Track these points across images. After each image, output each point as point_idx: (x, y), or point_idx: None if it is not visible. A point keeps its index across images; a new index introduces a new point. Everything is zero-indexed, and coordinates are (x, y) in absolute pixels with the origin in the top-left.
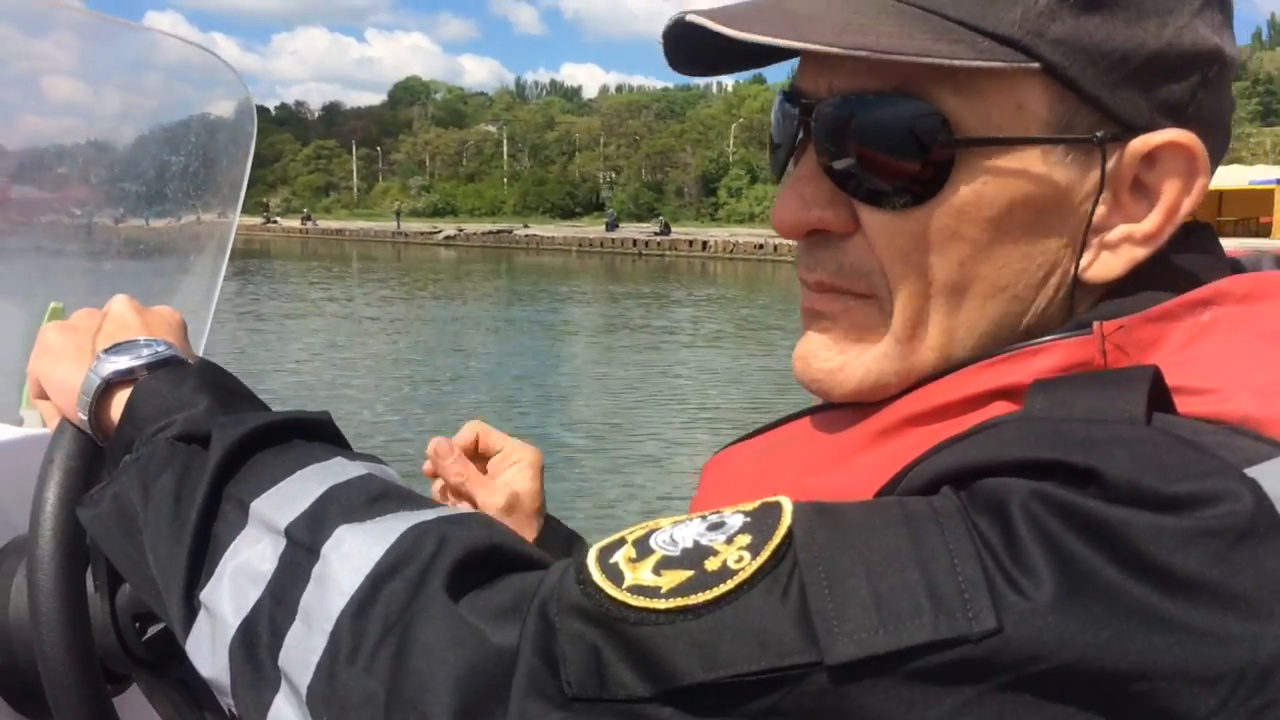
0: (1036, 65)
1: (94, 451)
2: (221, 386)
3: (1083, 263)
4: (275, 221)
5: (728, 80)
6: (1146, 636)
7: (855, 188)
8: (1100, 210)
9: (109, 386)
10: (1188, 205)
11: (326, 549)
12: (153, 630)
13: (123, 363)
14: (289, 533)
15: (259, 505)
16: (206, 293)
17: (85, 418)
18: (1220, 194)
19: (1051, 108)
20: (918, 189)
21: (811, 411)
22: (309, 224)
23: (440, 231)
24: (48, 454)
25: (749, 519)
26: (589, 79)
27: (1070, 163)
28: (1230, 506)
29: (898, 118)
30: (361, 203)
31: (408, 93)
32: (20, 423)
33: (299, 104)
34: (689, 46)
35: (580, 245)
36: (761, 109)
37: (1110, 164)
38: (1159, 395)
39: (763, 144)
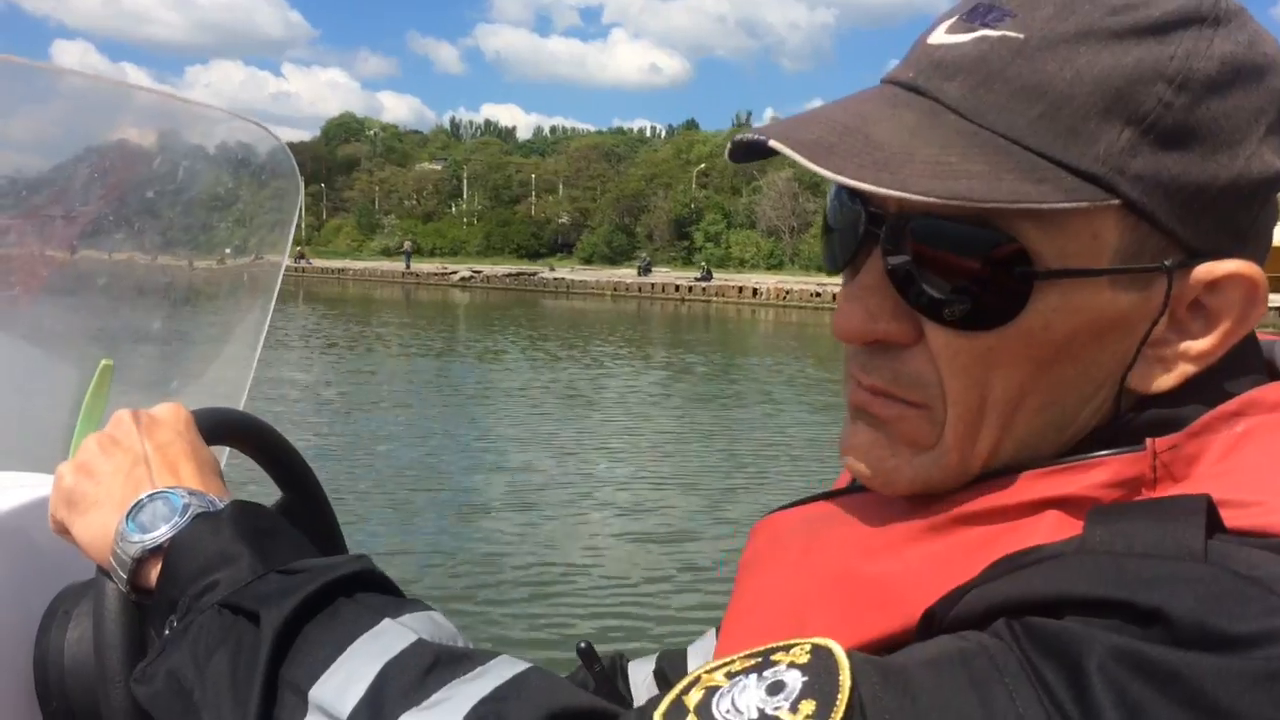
0: (1117, 201)
1: None
2: (257, 530)
3: (1134, 373)
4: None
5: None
6: None
7: (926, 306)
8: (1159, 327)
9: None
10: (1244, 331)
11: None
12: None
13: (149, 539)
14: None
15: (317, 693)
16: (248, 354)
17: (124, 589)
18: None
19: (1123, 236)
20: (991, 314)
21: (862, 488)
22: (304, 263)
23: (455, 273)
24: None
25: (807, 678)
26: (509, 118)
27: (1136, 286)
28: None
29: (977, 247)
30: (312, 240)
31: (342, 129)
32: None
33: None
34: (753, 149)
35: (616, 290)
36: (711, 153)
37: (1175, 289)
38: (1210, 520)
39: (734, 189)
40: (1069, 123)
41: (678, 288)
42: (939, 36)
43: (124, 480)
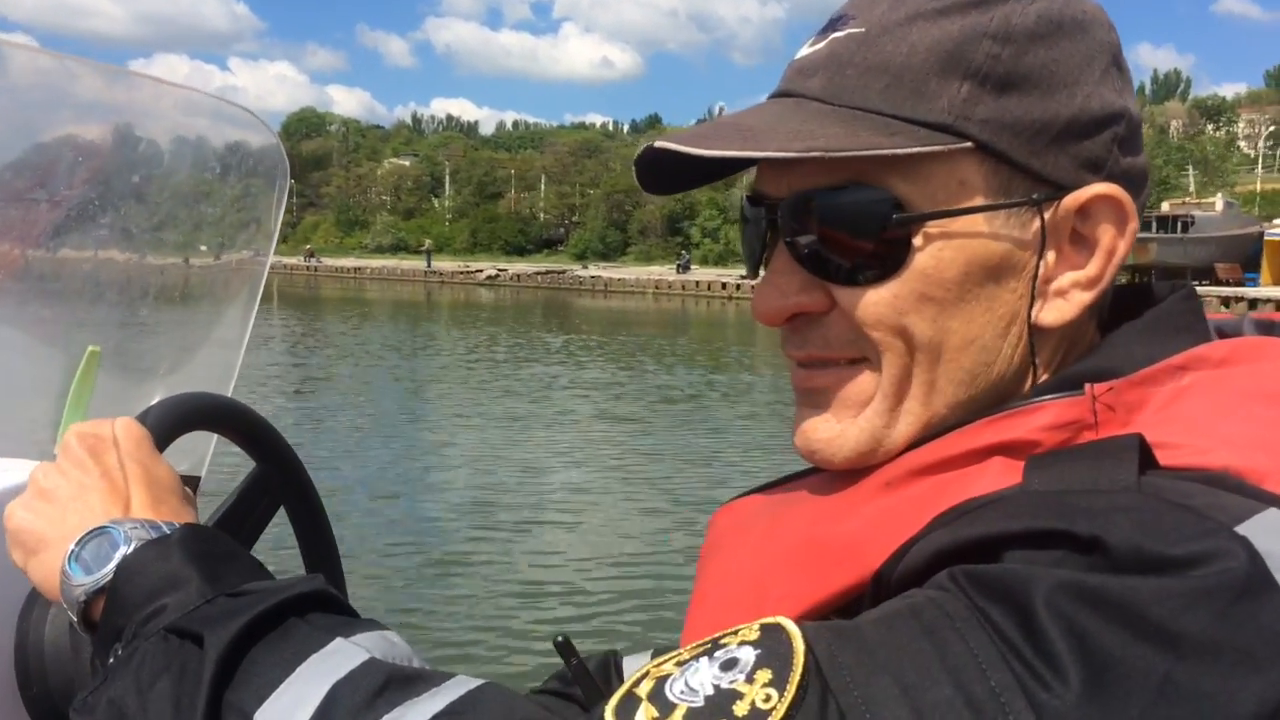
0: (969, 144)
1: None
2: (207, 553)
3: (1037, 310)
4: None
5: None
6: (1168, 709)
7: (828, 271)
8: (1047, 263)
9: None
10: (1123, 249)
11: None
12: None
13: (90, 581)
14: None
15: (263, 716)
16: (237, 340)
17: (80, 628)
18: None
19: (988, 179)
20: (884, 264)
21: (819, 469)
22: (313, 262)
23: (481, 271)
24: None
25: (759, 650)
26: (460, 112)
27: (1013, 224)
28: (1225, 564)
29: (856, 206)
30: (289, 238)
31: (302, 124)
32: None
33: None
34: (658, 170)
35: (658, 288)
36: None
37: (1048, 220)
38: (1145, 458)
39: (727, 183)
40: (912, 86)
41: (724, 285)
42: (801, 52)
43: (66, 517)
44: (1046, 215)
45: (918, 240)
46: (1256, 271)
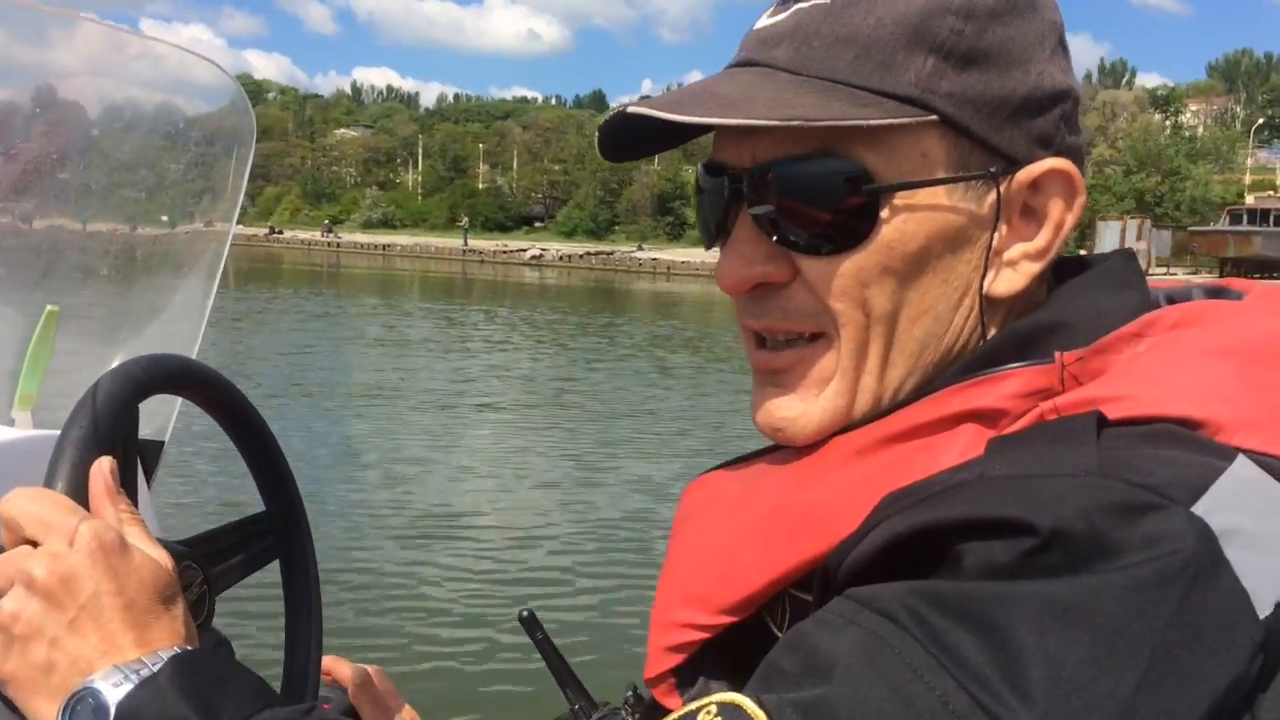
0: (934, 117)
1: (105, 445)
2: (200, 688)
3: (989, 281)
4: (280, 233)
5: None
6: (1139, 708)
7: (794, 241)
8: (999, 234)
9: None
10: (1071, 221)
11: None
12: None
13: None
14: None
15: None
16: (201, 301)
17: None
18: None
19: (949, 153)
20: (850, 235)
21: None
22: (332, 237)
23: (524, 250)
24: (56, 451)
25: None
26: (383, 81)
27: (970, 197)
28: (1175, 547)
29: (824, 176)
30: (247, 211)
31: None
32: (11, 423)
33: None
34: (618, 137)
35: None
36: None
37: (1003, 193)
38: (1104, 424)
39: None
40: (880, 58)
41: None
42: (762, 22)
43: (50, 675)
44: (1002, 188)
45: (884, 212)
46: None
